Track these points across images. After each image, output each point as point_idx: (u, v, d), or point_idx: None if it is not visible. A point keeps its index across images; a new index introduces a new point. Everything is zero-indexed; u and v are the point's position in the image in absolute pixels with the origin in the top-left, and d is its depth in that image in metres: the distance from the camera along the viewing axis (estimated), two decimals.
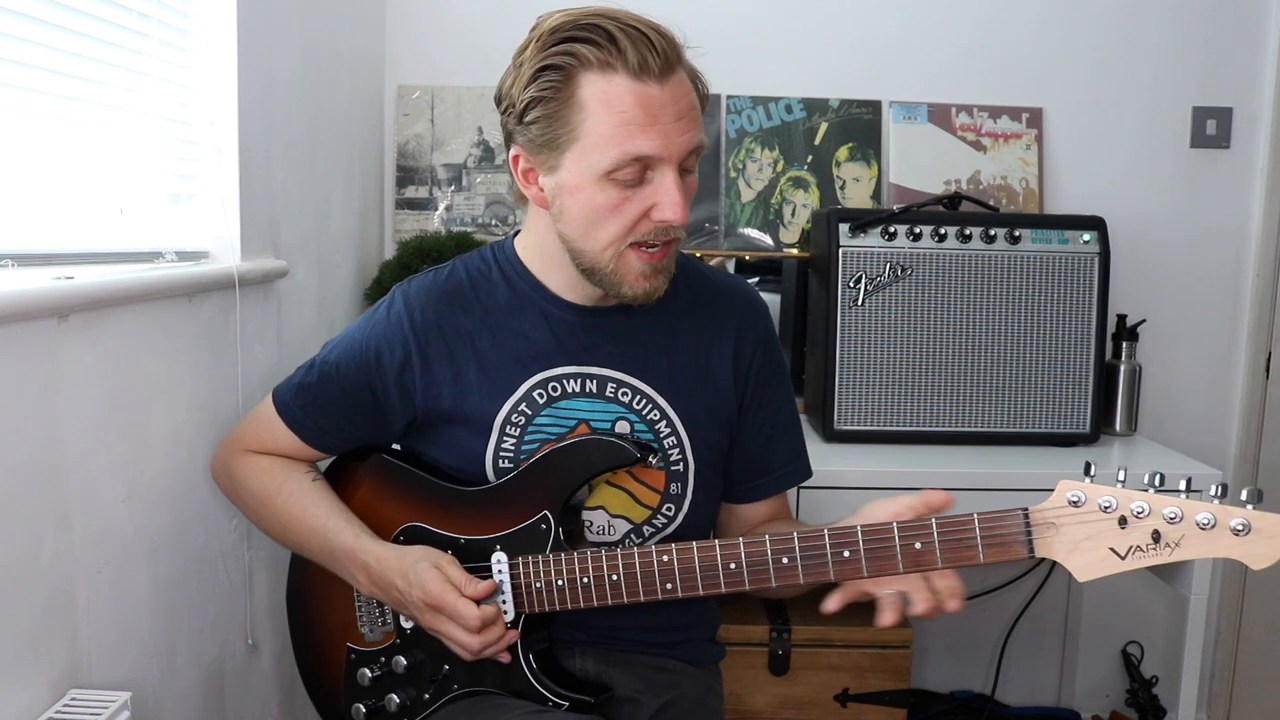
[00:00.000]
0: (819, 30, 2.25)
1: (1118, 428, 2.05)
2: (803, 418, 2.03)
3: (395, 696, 1.20)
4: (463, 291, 1.22)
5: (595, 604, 1.12)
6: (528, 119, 1.08)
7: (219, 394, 1.43)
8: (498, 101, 1.13)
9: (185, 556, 1.36)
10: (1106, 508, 0.90)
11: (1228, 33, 2.24)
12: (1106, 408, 2.02)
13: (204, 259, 1.45)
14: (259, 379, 1.54)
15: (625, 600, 1.11)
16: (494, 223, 2.22)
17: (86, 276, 1.11)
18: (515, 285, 1.21)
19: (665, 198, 1.06)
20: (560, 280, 1.19)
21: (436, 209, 2.22)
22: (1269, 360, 2.27)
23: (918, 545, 0.98)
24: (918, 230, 1.87)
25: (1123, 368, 2.05)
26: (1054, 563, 0.95)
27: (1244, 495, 0.86)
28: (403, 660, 1.19)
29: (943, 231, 1.87)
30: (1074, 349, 1.91)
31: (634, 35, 1.03)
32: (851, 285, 1.88)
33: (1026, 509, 0.94)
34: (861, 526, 1.01)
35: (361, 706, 1.22)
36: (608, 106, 1.03)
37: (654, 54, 1.03)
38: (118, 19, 1.24)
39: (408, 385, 1.20)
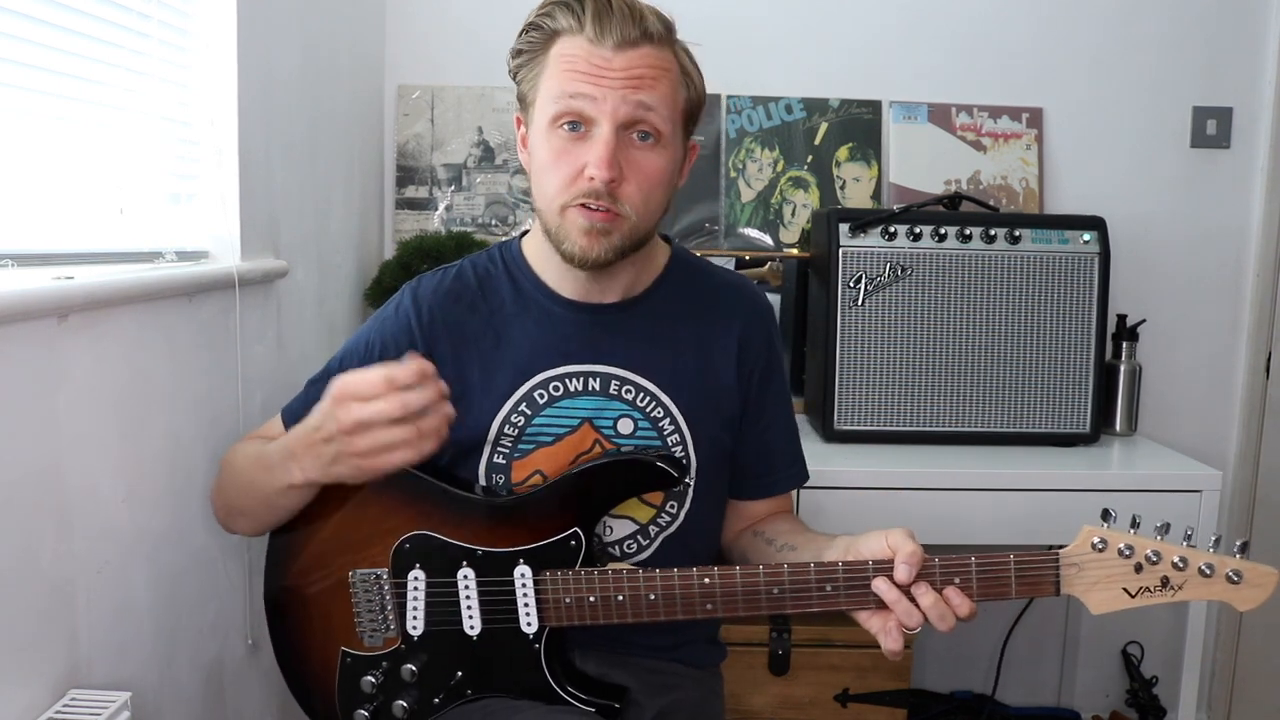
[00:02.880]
0: (819, 30, 2.25)
1: (1118, 428, 2.05)
2: (803, 418, 2.05)
3: (403, 703, 1.17)
4: (470, 291, 1.23)
5: (630, 620, 1.11)
6: (515, 73, 1.16)
7: (219, 394, 1.43)
8: None
9: (185, 556, 1.35)
10: (1125, 554, 1.01)
11: (1228, 33, 2.24)
12: (1106, 408, 2.03)
13: (204, 259, 1.45)
14: (259, 379, 1.54)
15: (662, 618, 1.11)
16: (494, 223, 2.22)
17: (86, 276, 1.11)
18: (520, 284, 1.23)
19: (593, 154, 1.08)
20: (555, 272, 1.20)
21: (436, 209, 2.22)
22: (1269, 360, 2.27)
23: (957, 580, 1.04)
24: (918, 230, 1.87)
25: (1123, 368, 2.05)
26: None
27: (1236, 547, 1.00)
28: (411, 668, 1.16)
29: (943, 231, 1.87)
30: (1074, 349, 1.91)
31: (602, 7, 1.09)
32: (851, 285, 1.88)
33: (1058, 554, 1.03)
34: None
35: (363, 712, 1.19)
36: (561, 60, 1.10)
37: (614, 26, 1.08)
38: (118, 19, 1.24)
39: None
